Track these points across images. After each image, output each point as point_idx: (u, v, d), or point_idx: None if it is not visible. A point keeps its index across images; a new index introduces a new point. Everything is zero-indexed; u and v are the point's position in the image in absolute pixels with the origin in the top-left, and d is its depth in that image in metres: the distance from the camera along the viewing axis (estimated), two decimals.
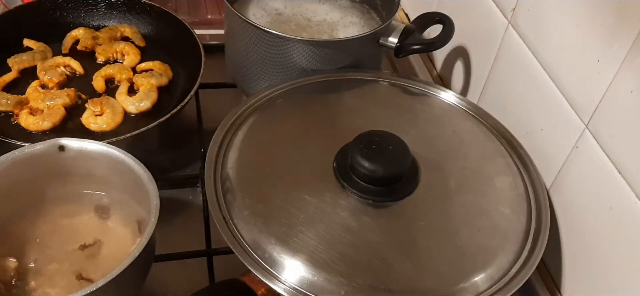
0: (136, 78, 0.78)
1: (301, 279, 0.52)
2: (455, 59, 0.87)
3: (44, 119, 0.71)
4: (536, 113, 0.68)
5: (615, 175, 0.56)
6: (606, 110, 0.57)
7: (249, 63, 0.77)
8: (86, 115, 0.73)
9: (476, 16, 0.81)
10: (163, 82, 0.79)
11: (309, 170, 0.62)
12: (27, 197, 0.60)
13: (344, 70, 0.75)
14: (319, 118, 0.70)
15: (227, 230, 0.55)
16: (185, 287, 0.61)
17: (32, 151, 0.59)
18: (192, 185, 0.76)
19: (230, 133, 0.65)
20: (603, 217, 0.58)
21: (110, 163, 0.60)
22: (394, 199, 0.59)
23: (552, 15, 0.65)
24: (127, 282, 0.52)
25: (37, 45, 0.81)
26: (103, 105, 0.74)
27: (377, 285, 0.52)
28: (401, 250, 0.55)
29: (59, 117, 0.72)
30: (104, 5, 0.87)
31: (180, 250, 0.66)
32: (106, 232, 0.61)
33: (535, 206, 0.61)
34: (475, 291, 0.53)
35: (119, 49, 0.82)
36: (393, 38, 0.76)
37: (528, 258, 0.56)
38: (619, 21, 0.55)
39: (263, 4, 0.83)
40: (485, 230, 0.58)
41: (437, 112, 0.73)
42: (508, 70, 0.74)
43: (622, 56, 0.55)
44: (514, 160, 0.66)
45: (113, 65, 0.81)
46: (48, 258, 0.58)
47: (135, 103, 0.75)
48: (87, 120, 0.73)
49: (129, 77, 0.79)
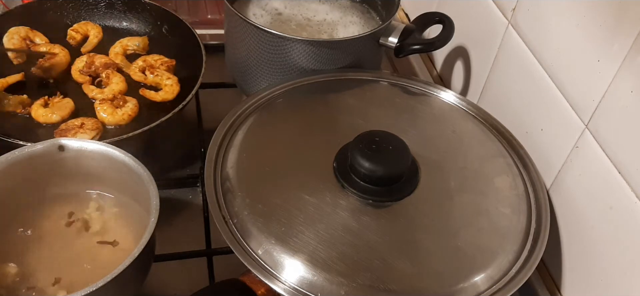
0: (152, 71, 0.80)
1: (301, 279, 0.52)
2: (455, 59, 0.87)
3: (53, 112, 0.72)
4: (536, 113, 0.68)
5: (615, 175, 0.56)
6: (606, 110, 0.57)
7: (249, 63, 0.77)
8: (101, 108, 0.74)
9: (476, 16, 0.81)
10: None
11: (308, 170, 0.62)
12: (27, 197, 0.60)
13: (344, 70, 0.75)
14: (319, 118, 0.70)
15: (227, 230, 0.55)
16: (185, 287, 0.61)
17: (32, 151, 0.59)
18: (192, 185, 0.76)
19: (230, 133, 0.65)
20: (603, 217, 0.58)
21: (110, 163, 0.60)
22: (394, 199, 0.59)
23: (552, 15, 0.65)
24: (127, 282, 0.52)
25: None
26: (118, 100, 0.74)
27: (377, 285, 0.52)
28: (401, 250, 0.55)
29: (68, 111, 0.73)
30: (104, 5, 0.87)
31: (180, 250, 0.66)
32: (106, 232, 0.61)
33: (535, 206, 0.61)
34: (475, 291, 0.53)
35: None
36: (393, 38, 0.76)
37: (528, 258, 0.56)
38: (619, 21, 0.55)
39: (263, 3, 0.83)
40: (485, 230, 0.58)
41: (437, 112, 0.73)
42: (508, 70, 0.74)
43: (622, 56, 0.55)
44: (514, 160, 0.66)
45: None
46: (48, 258, 0.58)
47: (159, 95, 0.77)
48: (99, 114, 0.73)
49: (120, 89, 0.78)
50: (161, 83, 0.78)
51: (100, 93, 0.76)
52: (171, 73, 0.80)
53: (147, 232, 0.52)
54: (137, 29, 0.87)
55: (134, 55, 0.83)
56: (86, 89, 0.77)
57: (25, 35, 0.81)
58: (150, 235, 0.52)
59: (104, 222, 0.61)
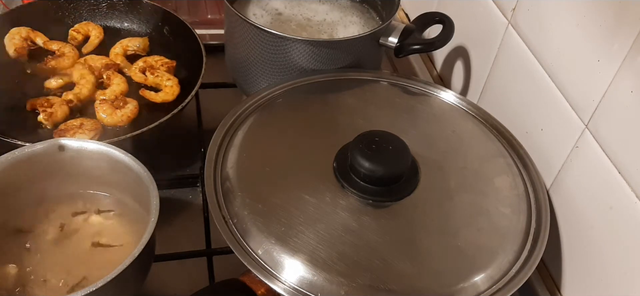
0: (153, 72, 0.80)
1: (301, 279, 0.52)
2: (455, 59, 0.87)
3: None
4: (536, 113, 0.68)
5: (615, 175, 0.56)
6: (606, 109, 0.57)
7: (249, 63, 0.77)
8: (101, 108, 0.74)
9: (476, 16, 0.81)
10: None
11: (308, 170, 0.62)
12: (27, 197, 0.60)
13: (344, 70, 0.75)
14: (319, 118, 0.70)
15: (227, 230, 0.55)
16: (185, 287, 0.61)
17: (32, 151, 0.59)
18: (192, 185, 0.76)
19: (230, 133, 0.65)
20: (603, 217, 0.58)
21: (110, 163, 0.60)
22: (394, 199, 0.59)
23: (552, 15, 0.65)
24: (127, 282, 0.52)
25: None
26: (119, 100, 0.75)
27: (377, 285, 0.52)
28: (401, 250, 0.55)
29: (65, 108, 0.73)
30: (105, 5, 0.87)
31: (180, 250, 0.66)
32: (106, 232, 0.61)
33: (536, 206, 0.61)
34: (475, 291, 0.53)
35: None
36: (393, 38, 0.76)
37: (528, 258, 0.56)
38: (619, 21, 0.55)
39: (263, 3, 0.83)
40: (485, 230, 0.58)
41: (437, 112, 0.73)
42: (508, 70, 0.74)
43: (622, 56, 0.55)
44: (514, 160, 0.66)
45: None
46: (48, 258, 0.58)
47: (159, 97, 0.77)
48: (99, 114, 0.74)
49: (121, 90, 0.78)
50: (161, 84, 0.78)
51: (101, 94, 0.76)
52: (171, 74, 0.80)
53: (147, 232, 0.52)
54: (138, 29, 0.87)
55: (134, 56, 0.83)
56: None
57: (26, 36, 0.81)
58: (150, 235, 0.52)
59: (104, 222, 0.62)
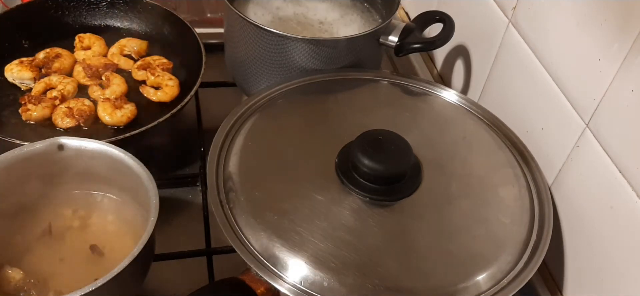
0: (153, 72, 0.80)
1: (302, 277, 0.52)
2: (456, 58, 0.87)
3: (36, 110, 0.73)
4: (536, 112, 0.68)
5: (615, 175, 0.56)
6: (607, 109, 0.57)
7: (248, 62, 0.76)
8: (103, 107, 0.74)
9: (477, 15, 0.81)
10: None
11: (310, 168, 0.62)
12: (26, 196, 0.60)
13: (345, 69, 0.75)
14: (320, 117, 0.70)
15: (229, 229, 0.55)
16: (185, 286, 0.60)
17: (31, 150, 0.59)
18: (192, 184, 0.76)
19: (231, 133, 0.65)
20: (604, 216, 0.58)
21: (110, 163, 0.60)
22: (395, 199, 0.59)
23: (553, 14, 0.65)
24: (127, 281, 0.52)
25: None
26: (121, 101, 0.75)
27: (377, 285, 0.52)
28: (401, 250, 0.55)
29: (48, 111, 0.73)
30: (106, 4, 0.87)
31: (179, 249, 0.66)
32: (106, 232, 0.61)
33: (539, 219, 0.60)
34: (475, 291, 0.53)
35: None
36: (393, 37, 0.76)
37: (522, 270, 0.55)
38: (620, 20, 0.55)
39: (263, 2, 0.83)
40: (480, 238, 0.57)
41: (440, 112, 0.73)
42: (508, 69, 0.74)
43: (623, 55, 0.54)
44: (523, 171, 0.64)
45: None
46: (47, 258, 0.58)
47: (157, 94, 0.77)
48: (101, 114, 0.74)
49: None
50: (162, 84, 0.78)
51: (102, 94, 0.76)
52: (169, 73, 0.80)
53: (147, 232, 0.52)
54: (138, 28, 0.87)
55: (131, 58, 0.83)
56: (93, 93, 0.77)
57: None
58: (150, 235, 0.52)
59: (104, 221, 0.61)
